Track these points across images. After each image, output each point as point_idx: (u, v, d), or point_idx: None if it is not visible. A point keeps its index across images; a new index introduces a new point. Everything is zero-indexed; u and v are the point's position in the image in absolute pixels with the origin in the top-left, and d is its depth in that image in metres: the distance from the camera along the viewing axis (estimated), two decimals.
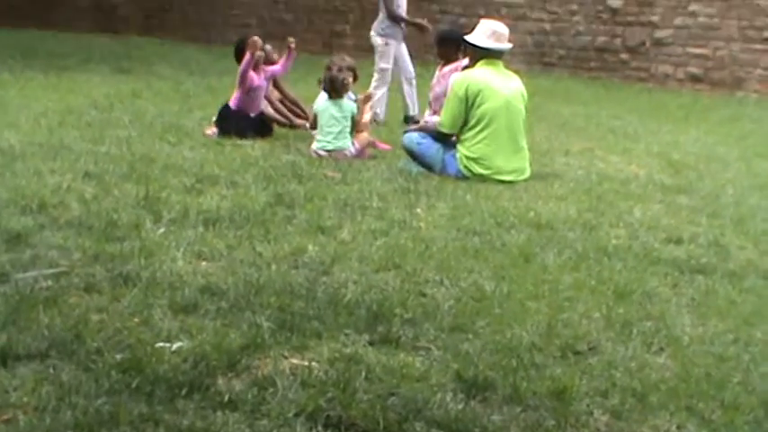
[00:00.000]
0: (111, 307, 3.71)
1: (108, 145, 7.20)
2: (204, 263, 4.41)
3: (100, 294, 3.85)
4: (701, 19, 14.49)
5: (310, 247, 4.70)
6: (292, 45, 8.60)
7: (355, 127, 7.61)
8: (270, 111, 8.79)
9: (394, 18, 10.02)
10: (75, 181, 5.81)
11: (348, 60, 8.10)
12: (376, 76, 9.89)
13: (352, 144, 7.53)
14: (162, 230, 4.83)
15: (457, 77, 7.24)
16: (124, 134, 7.80)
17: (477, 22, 7.42)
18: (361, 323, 3.70)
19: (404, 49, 10.18)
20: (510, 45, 7.24)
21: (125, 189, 5.70)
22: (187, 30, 20.41)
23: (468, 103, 6.88)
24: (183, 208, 5.29)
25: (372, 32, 10.20)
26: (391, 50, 9.98)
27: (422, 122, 7.98)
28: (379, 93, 9.60)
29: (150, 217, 5.08)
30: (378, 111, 9.45)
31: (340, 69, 7.68)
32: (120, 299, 3.80)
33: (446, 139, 7.04)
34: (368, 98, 8.10)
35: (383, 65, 9.93)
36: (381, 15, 10.11)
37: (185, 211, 5.23)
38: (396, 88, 10.07)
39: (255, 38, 8.42)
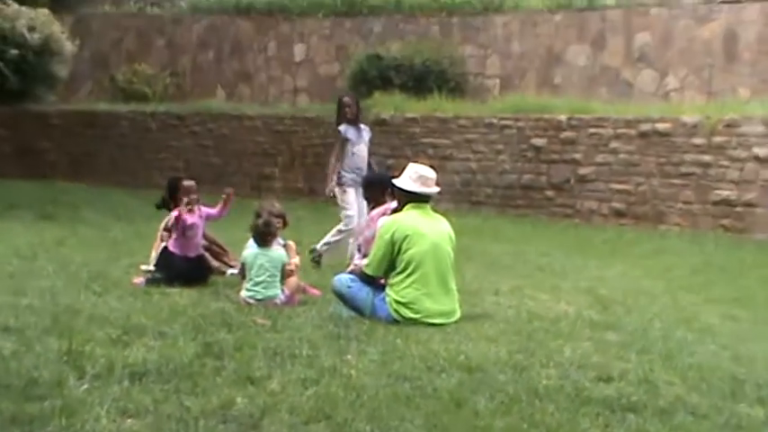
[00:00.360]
0: None
1: (30, 297, 7.06)
2: (129, 420, 4.29)
3: None
4: (621, 156, 14.92)
5: (239, 400, 4.60)
6: (230, 194, 8.58)
7: (284, 274, 7.57)
8: (207, 255, 8.75)
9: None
10: None
11: (277, 207, 8.13)
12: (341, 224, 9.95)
13: (282, 291, 7.49)
14: (85, 387, 4.70)
15: (384, 221, 7.30)
16: (47, 284, 7.67)
17: (405, 164, 7.53)
18: None
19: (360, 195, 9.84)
20: (437, 189, 7.33)
21: (47, 343, 5.56)
22: (114, 174, 20.40)
23: (395, 247, 6.92)
24: (109, 362, 5.17)
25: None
26: (349, 198, 9.93)
27: (352, 266, 7.98)
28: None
29: (73, 373, 4.94)
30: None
31: (269, 217, 7.67)
32: None
33: (373, 282, 7.05)
34: (292, 247, 8.05)
35: (346, 212, 9.94)
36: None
37: (110, 366, 5.10)
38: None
39: (190, 183, 8.51)
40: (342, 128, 10.07)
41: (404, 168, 7.41)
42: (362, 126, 10.27)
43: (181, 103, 21.63)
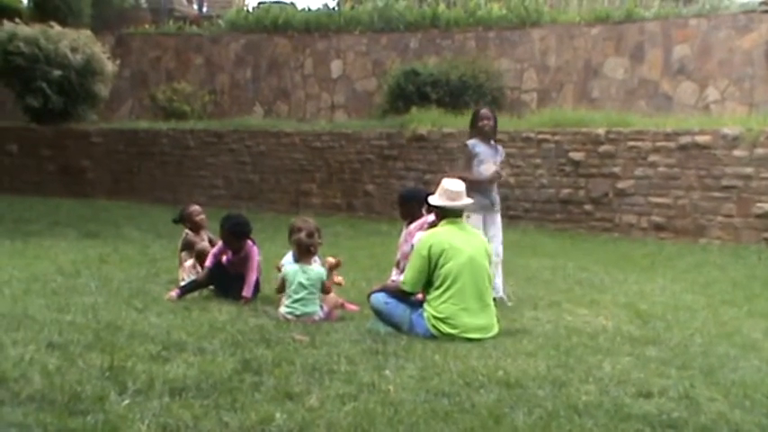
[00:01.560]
0: None
1: (73, 313, 7.14)
2: None
3: None
4: (660, 169, 14.82)
5: (278, 416, 4.62)
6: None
7: (324, 291, 7.59)
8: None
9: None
10: (38, 352, 5.72)
11: (311, 222, 8.15)
12: None
13: (321, 308, 7.51)
14: (126, 402, 4.74)
15: (422, 236, 7.31)
16: (90, 301, 7.74)
17: (441, 179, 7.56)
18: None
19: (491, 221, 9.01)
20: (468, 201, 7.35)
21: (90, 359, 5.61)
22: (154, 192, 20.61)
23: (432, 262, 6.92)
24: (149, 377, 5.21)
25: None
26: (471, 222, 8.45)
27: (388, 282, 7.99)
28: None
29: (115, 388, 4.98)
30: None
31: (309, 234, 7.68)
32: None
33: (409, 298, 7.06)
34: (337, 264, 8.05)
35: None
36: None
37: (151, 381, 5.14)
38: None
39: (196, 207, 8.71)
40: (471, 142, 9.00)
41: (439, 182, 7.45)
42: (495, 144, 9.17)
43: (219, 120, 21.82)
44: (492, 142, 9.10)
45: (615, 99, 18.73)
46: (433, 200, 7.26)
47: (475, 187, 8.50)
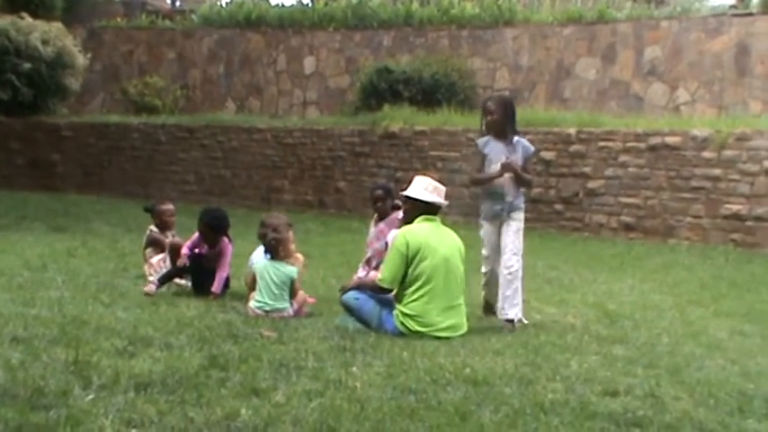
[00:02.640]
0: None
1: (39, 307, 7.07)
2: (134, 430, 4.28)
3: None
4: (630, 169, 14.90)
5: (243, 411, 4.60)
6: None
7: (294, 289, 7.56)
8: None
9: (475, 183, 8.29)
10: (1, 347, 5.66)
11: (282, 218, 8.12)
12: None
13: (291, 305, 7.49)
14: (91, 397, 4.70)
15: (397, 233, 7.28)
16: (56, 295, 7.68)
17: (413, 177, 7.53)
18: None
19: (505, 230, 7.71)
20: (447, 202, 7.34)
21: (54, 354, 5.56)
22: (125, 186, 20.48)
23: (409, 258, 6.91)
24: (114, 372, 5.17)
25: None
26: (482, 232, 7.89)
27: (355, 279, 7.97)
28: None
29: (79, 383, 4.94)
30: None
31: (275, 229, 7.66)
32: None
33: (384, 294, 7.04)
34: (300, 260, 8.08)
35: (483, 251, 7.91)
36: None
37: (116, 376, 5.10)
38: None
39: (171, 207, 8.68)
40: (481, 140, 7.85)
41: (410, 181, 7.41)
42: (517, 139, 7.75)
43: (191, 115, 21.72)
44: (509, 138, 7.67)
45: (587, 99, 18.81)
46: (420, 194, 7.17)
47: (485, 191, 7.75)
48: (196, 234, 8.50)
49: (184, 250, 8.39)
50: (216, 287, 8.21)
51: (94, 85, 24.10)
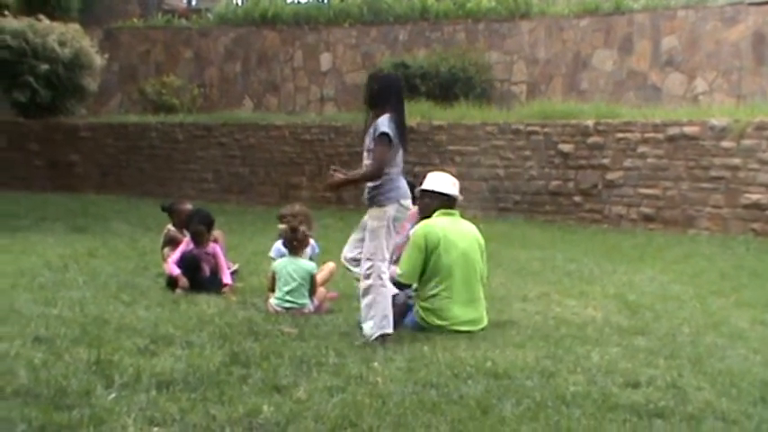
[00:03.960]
0: None
1: (60, 307, 7.12)
2: (156, 428, 4.31)
3: None
4: (649, 160, 14.83)
5: (265, 408, 4.62)
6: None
7: (314, 285, 7.57)
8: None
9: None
10: (24, 347, 5.71)
11: (298, 208, 8.18)
12: None
13: (311, 301, 7.50)
14: (113, 396, 4.73)
15: (417, 227, 7.28)
16: (77, 295, 7.72)
17: (431, 171, 7.53)
18: None
19: None
20: (462, 196, 7.36)
21: (76, 353, 5.60)
22: (143, 186, 20.54)
23: (428, 253, 6.91)
24: (136, 371, 5.20)
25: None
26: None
27: None
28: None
29: (102, 382, 4.97)
30: None
31: (293, 229, 7.67)
32: None
33: (404, 289, 7.04)
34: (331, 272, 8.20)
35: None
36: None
37: (138, 375, 5.13)
38: None
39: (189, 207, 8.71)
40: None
41: (424, 176, 7.42)
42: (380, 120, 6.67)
43: (208, 113, 21.75)
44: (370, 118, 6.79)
45: (604, 91, 18.74)
46: (438, 186, 7.17)
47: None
48: (185, 243, 8.56)
49: (174, 270, 8.36)
50: (226, 278, 8.39)
51: (112, 85, 24.18)
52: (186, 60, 23.90)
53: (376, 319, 6.31)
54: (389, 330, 6.33)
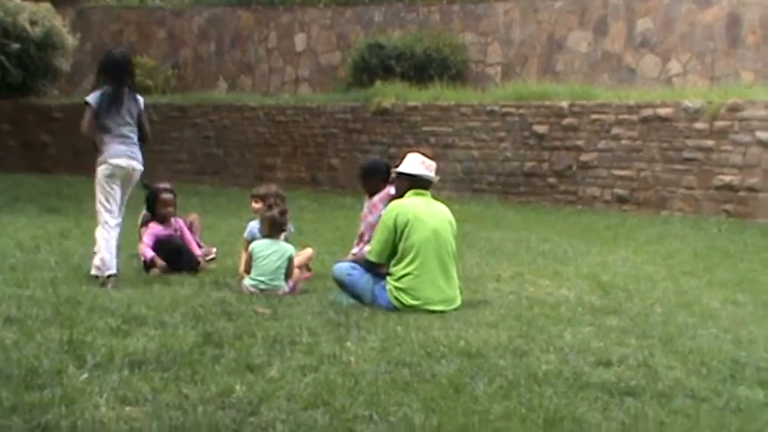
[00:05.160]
0: None
1: (32, 288, 7.08)
2: (128, 408, 4.30)
3: None
4: (623, 142, 14.89)
5: (238, 387, 4.62)
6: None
7: (291, 268, 7.56)
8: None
9: None
10: None
11: (273, 188, 8.22)
12: None
13: (286, 283, 7.48)
14: (85, 376, 4.71)
15: (388, 207, 7.28)
16: (49, 276, 7.68)
17: (406, 153, 7.54)
18: None
19: None
20: (437, 177, 7.35)
21: (48, 333, 5.57)
22: None
23: (397, 233, 6.92)
24: (109, 351, 5.18)
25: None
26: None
27: (350, 254, 7.99)
28: None
29: (74, 362, 4.95)
30: None
31: (282, 213, 7.64)
32: None
33: (376, 269, 7.05)
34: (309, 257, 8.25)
35: None
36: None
37: (110, 355, 5.12)
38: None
39: (169, 196, 8.71)
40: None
41: (403, 157, 7.43)
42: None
43: (183, 94, 21.64)
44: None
45: (579, 72, 18.77)
46: (408, 168, 7.19)
47: None
48: (152, 227, 8.54)
49: (149, 252, 8.32)
50: (198, 251, 8.55)
51: (84, 65, 23.95)
52: (160, 41, 23.74)
53: (96, 261, 7.63)
54: (112, 271, 7.60)
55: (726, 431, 4.29)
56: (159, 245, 8.34)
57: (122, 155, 8.06)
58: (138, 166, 8.14)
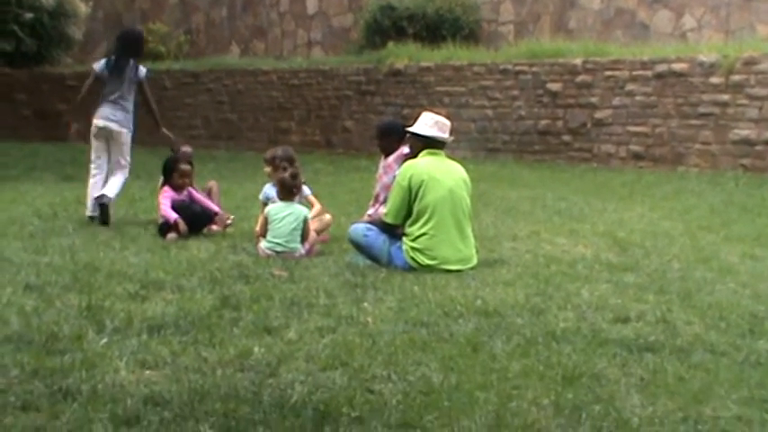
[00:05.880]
0: (49, 425, 3.62)
1: (51, 255, 7.12)
2: (148, 372, 4.34)
3: (38, 412, 3.76)
4: (638, 98, 14.78)
5: (256, 349, 4.64)
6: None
7: (306, 230, 7.56)
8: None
9: None
10: (15, 294, 5.72)
11: (284, 151, 8.25)
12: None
13: (302, 245, 7.49)
14: (105, 340, 4.76)
15: (402, 167, 7.27)
16: (68, 243, 7.72)
17: (420, 113, 7.51)
18: (307, 425, 3.65)
19: None
20: (452, 137, 7.32)
21: (67, 300, 5.62)
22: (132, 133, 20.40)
23: (412, 193, 6.91)
24: (127, 316, 5.22)
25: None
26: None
27: (366, 216, 7.98)
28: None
29: (93, 327, 4.99)
30: None
31: (293, 176, 7.64)
32: (60, 415, 3.71)
33: (392, 230, 7.05)
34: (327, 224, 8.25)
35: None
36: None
37: (129, 319, 5.16)
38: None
39: (186, 167, 8.73)
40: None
41: (418, 117, 7.40)
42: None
43: (195, 60, 21.60)
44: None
45: (592, 29, 18.58)
46: (420, 129, 7.17)
47: None
48: (167, 190, 8.53)
49: (172, 214, 8.31)
50: (214, 207, 8.72)
51: (97, 33, 23.95)
52: (171, 6, 23.66)
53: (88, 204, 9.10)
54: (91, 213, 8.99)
55: (745, 385, 4.29)
56: (177, 210, 8.35)
57: (102, 117, 9.33)
58: (115, 127, 9.41)
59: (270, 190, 8.03)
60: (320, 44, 21.88)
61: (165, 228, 8.27)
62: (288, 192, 7.60)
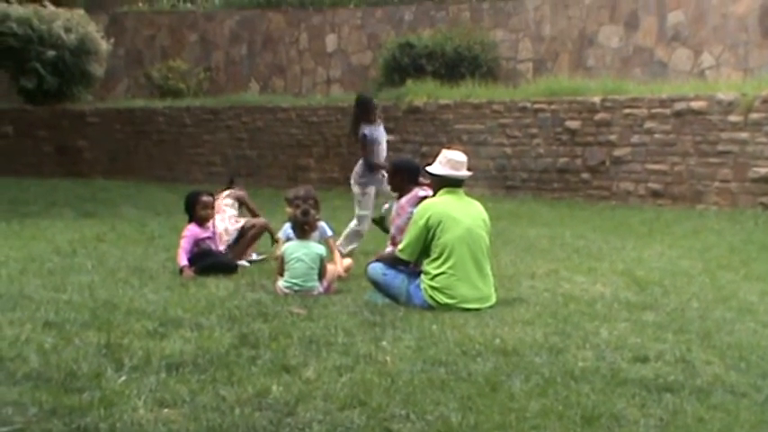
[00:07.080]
0: None
1: (70, 292, 7.15)
2: (166, 410, 4.33)
3: None
4: (656, 136, 14.78)
5: (274, 388, 4.64)
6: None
7: (323, 269, 7.57)
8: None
9: (371, 166, 9.96)
10: (34, 331, 5.73)
11: (305, 191, 8.26)
12: (355, 221, 9.98)
13: (320, 283, 7.50)
14: (123, 378, 4.76)
15: (420, 206, 7.27)
16: (87, 280, 7.75)
17: (439, 151, 7.53)
18: None
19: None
20: (468, 173, 7.32)
21: (86, 337, 5.63)
22: (152, 170, 20.58)
23: (429, 233, 6.91)
24: (146, 354, 5.23)
25: (351, 180, 10.21)
26: (369, 199, 10.03)
27: (381, 253, 7.96)
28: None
29: (111, 365, 5.00)
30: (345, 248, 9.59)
31: (304, 213, 7.66)
32: None
33: (403, 266, 7.05)
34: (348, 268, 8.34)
35: (361, 212, 9.99)
36: (360, 163, 10.09)
37: (148, 357, 5.16)
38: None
39: (208, 198, 8.71)
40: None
41: (437, 155, 7.42)
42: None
43: (215, 97, 21.75)
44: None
45: (610, 67, 18.65)
46: (435, 168, 7.19)
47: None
48: (191, 228, 8.54)
49: (183, 260, 8.33)
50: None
51: (118, 70, 24.18)
52: (192, 44, 23.88)
53: None
54: None
55: (766, 426, 4.25)
56: (198, 256, 8.37)
57: None
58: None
59: (290, 229, 8.05)
60: (339, 82, 22.02)
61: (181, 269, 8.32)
62: (300, 229, 7.62)
